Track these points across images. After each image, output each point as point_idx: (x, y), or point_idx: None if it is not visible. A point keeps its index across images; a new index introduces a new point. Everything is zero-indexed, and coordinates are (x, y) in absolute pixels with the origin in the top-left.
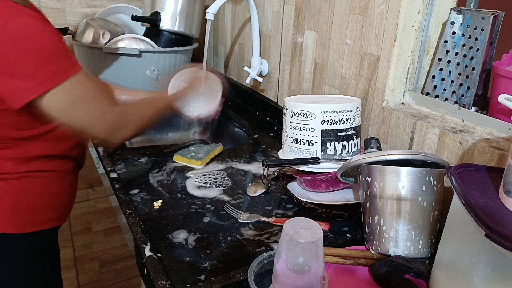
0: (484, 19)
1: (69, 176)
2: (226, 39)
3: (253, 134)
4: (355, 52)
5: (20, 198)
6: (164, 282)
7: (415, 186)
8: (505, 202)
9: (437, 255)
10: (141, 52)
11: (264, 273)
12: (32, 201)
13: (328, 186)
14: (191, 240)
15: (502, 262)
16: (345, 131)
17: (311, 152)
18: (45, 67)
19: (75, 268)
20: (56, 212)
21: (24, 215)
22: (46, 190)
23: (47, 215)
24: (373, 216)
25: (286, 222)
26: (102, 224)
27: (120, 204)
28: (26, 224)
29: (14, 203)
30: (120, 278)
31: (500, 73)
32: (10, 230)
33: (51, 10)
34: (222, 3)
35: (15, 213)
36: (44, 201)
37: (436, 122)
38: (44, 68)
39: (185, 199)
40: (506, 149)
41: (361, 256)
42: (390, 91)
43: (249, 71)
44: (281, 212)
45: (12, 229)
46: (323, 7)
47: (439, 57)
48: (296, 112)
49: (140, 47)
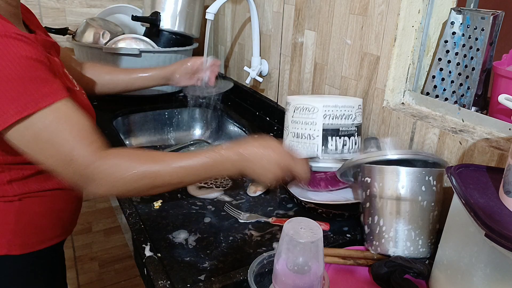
0: (484, 19)
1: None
2: (226, 39)
3: (253, 134)
4: (355, 52)
5: (22, 218)
6: (164, 282)
7: (415, 186)
8: (505, 202)
9: (437, 255)
10: (141, 52)
11: (264, 273)
12: (36, 221)
13: (327, 185)
14: (191, 240)
15: (502, 262)
16: (347, 127)
17: (312, 146)
18: (8, 99)
19: (75, 268)
20: (62, 228)
21: (28, 235)
22: (49, 209)
23: (52, 232)
24: (372, 216)
25: (286, 222)
26: (102, 224)
27: (120, 204)
28: (30, 244)
29: (17, 224)
30: (120, 278)
31: (500, 73)
32: (13, 252)
33: (51, 10)
34: (222, 3)
35: (18, 235)
36: (49, 220)
37: (436, 122)
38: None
39: (186, 200)
40: (506, 149)
41: (361, 256)
42: (390, 91)
43: (249, 71)
44: (281, 212)
45: (16, 251)
46: (323, 7)
47: (439, 57)
48: (298, 106)
49: (140, 47)
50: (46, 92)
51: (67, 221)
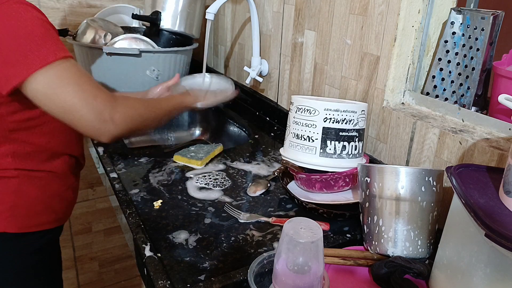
0: (484, 19)
1: (69, 178)
2: (226, 39)
3: (253, 134)
4: (355, 52)
5: (18, 200)
6: (164, 282)
7: (415, 186)
8: (505, 202)
9: (437, 255)
10: (141, 52)
11: (264, 273)
12: (30, 204)
13: (322, 187)
14: (192, 241)
15: (502, 262)
16: (347, 132)
17: (311, 148)
18: (31, 51)
19: (75, 268)
20: (55, 214)
21: (23, 217)
22: (44, 192)
23: (46, 217)
24: (372, 216)
25: (286, 222)
26: (102, 224)
27: (120, 204)
28: (25, 226)
29: (13, 204)
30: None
31: (500, 73)
32: (10, 230)
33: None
34: (222, 3)
35: (14, 215)
36: (42, 204)
37: (436, 122)
38: (30, 52)
39: (186, 201)
40: (506, 149)
41: (361, 256)
42: (390, 91)
43: (249, 71)
44: (281, 212)
45: (12, 229)
46: (323, 7)
47: (439, 57)
48: (300, 107)
49: (140, 47)
50: (61, 47)
51: (60, 209)
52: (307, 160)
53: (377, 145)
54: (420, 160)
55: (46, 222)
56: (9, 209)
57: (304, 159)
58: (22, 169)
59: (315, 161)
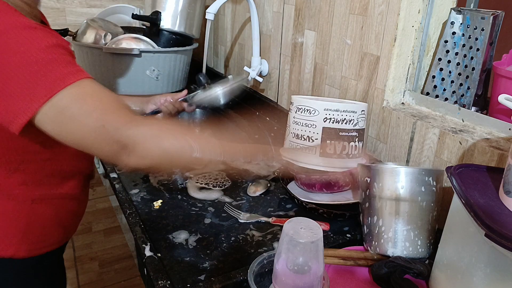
0: (484, 19)
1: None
2: (226, 39)
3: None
4: (355, 52)
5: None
6: (164, 282)
7: (414, 186)
8: (505, 202)
9: (437, 255)
10: (141, 52)
11: (264, 273)
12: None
13: (322, 187)
14: (192, 241)
15: (502, 262)
16: (347, 132)
17: (311, 148)
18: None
19: (75, 268)
20: (65, 230)
21: (35, 239)
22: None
23: (57, 235)
24: (372, 216)
25: (286, 222)
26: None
27: (120, 204)
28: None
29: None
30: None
31: (500, 73)
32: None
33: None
34: (222, 3)
35: (26, 238)
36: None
37: (436, 122)
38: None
39: (186, 201)
40: (506, 149)
41: (361, 257)
42: (390, 91)
43: (249, 71)
44: (281, 212)
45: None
46: (323, 7)
47: (439, 57)
48: (300, 107)
49: (140, 47)
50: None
51: (70, 227)
52: (307, 160)
53: (377, 145)
54: (420, 160)
55: (58, 241)
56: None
57: (304, 159)
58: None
59: (315, 161)
